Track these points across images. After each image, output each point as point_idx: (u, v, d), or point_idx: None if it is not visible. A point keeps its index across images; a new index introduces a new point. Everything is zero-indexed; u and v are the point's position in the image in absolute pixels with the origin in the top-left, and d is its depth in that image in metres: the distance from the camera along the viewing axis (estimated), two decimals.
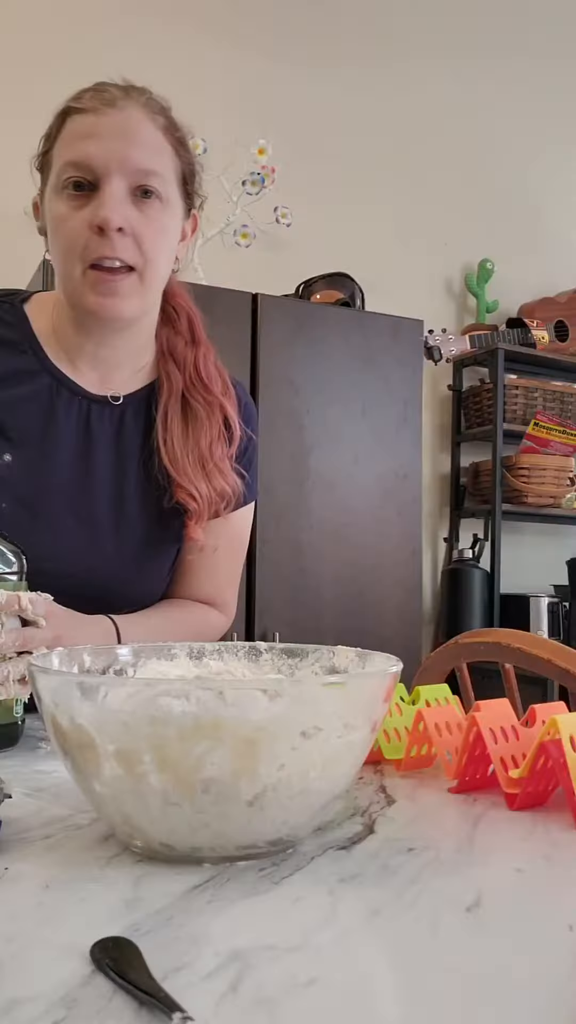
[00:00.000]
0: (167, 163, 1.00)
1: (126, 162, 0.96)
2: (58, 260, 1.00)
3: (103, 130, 0.96)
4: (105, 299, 0.98)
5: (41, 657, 0.63)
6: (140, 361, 1.11)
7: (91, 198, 0.96)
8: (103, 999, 0.38)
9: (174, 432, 1.08)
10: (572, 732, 0.64)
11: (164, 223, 1.00)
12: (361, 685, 0.55)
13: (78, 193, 0.97)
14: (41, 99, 3.07)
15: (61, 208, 0.98)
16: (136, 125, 0.98)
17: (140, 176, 0.97)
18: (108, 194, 0.95)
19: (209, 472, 1.08)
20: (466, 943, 0.44)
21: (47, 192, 1.01)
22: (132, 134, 0.97)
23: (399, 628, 2.65)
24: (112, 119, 0.97)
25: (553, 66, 3.74)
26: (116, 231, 0.95)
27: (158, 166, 0.99)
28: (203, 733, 0.50)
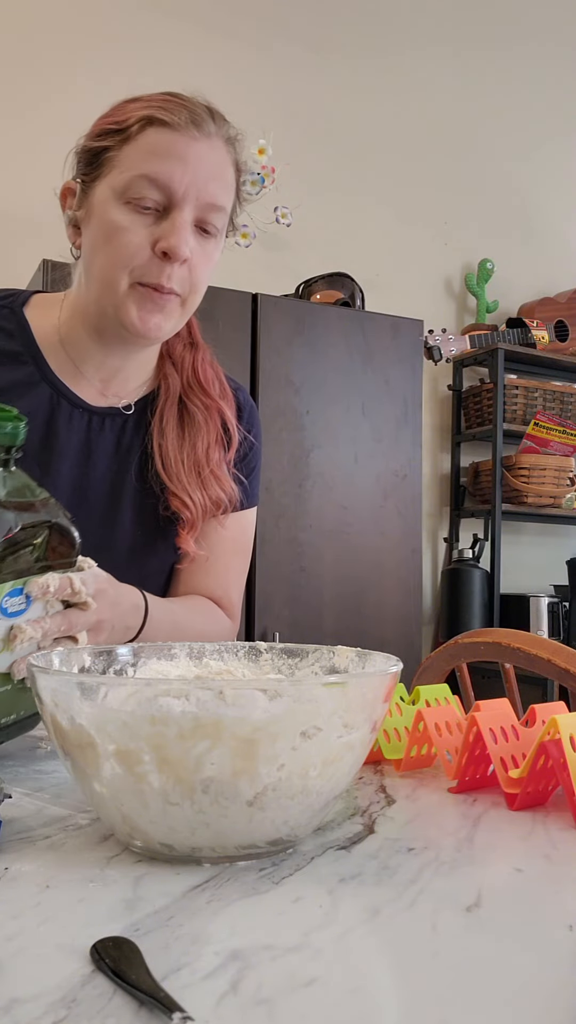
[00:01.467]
0: (231, 199, 1.00)
1: (203, 194, 0.94)
2: (101, 267, 0.97)
3: (190, 155, 0.93)
4: (149, 316, 0.97)
5: (40, 657, 0.63)
6: (145, 373, 1.11)
7: (155, 217, 0.94)
8: (103, 999, 0.38)
9: (169, 437, 1.07)
10: (572, 732, 0.64)
11: (213, 256, 1.01)
12: (361, 685, 0.55)
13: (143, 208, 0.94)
14: (39, 99, 3.08)
15: (122, 217, 0.94)
16: (219, 158, 0.96)
17: (209, 211, 0.96)
18: (182, 224, 0.93)
19: (204, 479, 1.07)
20: (466, 943, 0.44)
21: (101, 190, 0.96)
22: (215, 168, 0.95)
23: (399, 628, 2.65)
24: (200, 146, 0.94)
25: (553, 67, 3.74)
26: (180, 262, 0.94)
27: (226, 203, 0.98)
28: (203, 733, 0.50)
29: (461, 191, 3.53)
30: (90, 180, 0.98)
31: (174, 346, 1.12)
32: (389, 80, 3.41)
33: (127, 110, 0.96)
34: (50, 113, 2.77)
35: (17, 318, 1.06)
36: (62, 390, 1.05)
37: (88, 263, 0.99)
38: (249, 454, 1.16)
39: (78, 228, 1.01)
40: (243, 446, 1.15)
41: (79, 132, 1.05)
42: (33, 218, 2.72)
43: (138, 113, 0.94)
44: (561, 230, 3.74)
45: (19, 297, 1.09)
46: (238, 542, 1.15)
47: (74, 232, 1.01)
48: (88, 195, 0.98)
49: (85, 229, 0.99)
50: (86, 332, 1.04)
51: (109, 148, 0.96)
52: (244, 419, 1.15)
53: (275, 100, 3.14)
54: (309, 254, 3.04)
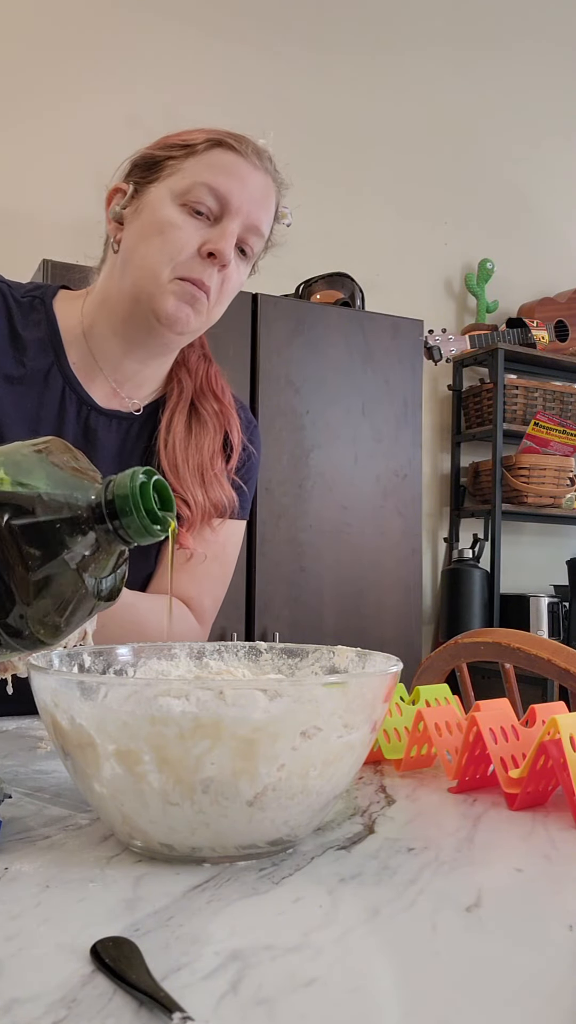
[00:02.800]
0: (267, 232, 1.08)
1: (252, 215, 1.02)
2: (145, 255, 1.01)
3: (247, 178, 1.02)
4: (185, 306, 1.01)
5: (40, 657, 0.63)
6: (158, 379, 1.13)
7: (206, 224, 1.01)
8: (103, 999, 0.38)
9: (177, 436, 1.08)
10: (572, 732, 0.64)
11: (243, 277, 1.07)
12: (361, 685, 0.55)
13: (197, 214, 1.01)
14: (40, 100, 3.08)
15: (176, 216, 1.00)
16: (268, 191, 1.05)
17: (252, 232, 1.04)
18: (231, 231, 1.00)
19: (207, 481, 1.08)
20: (466, 943, 0.44)
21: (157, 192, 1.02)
22: (264, 196, 1.04)
23: (399, 628, 2.65)
24: (257, 175, 1.03)
25: (553, 67, 3.74)
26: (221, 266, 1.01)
27: (266, 231, 1.07)
28: (203, 733, 0.50)
29: (461, 191, 3.53)
30: (145, 183, 1.03)
31: (189, 356, 1.15)
32: (389, 80, 3.41)
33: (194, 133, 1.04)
34: (51, 114, 2.77)
35: (46, 309, 1.09)
36: (75, 386, 1.07)
37: (130, 254, 1.02)
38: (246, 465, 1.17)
39: (121, 224, 1.05)
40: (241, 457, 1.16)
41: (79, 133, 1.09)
42: (33, 218, 2.72)
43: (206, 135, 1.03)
44: (561, 230, 3.74)
45: (48, 290, 1.11)
46: (221, 549, 1.14)
47: (116, 227, 1.05)
48: (140, 195, 1.03)
49: (131, 224, 1.03)
50: (110, 328, 1.06)
51: (172, 158, 1.03)
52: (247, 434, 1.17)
53: (275, 100, 3.14)
54: (309, 254, 3.04)
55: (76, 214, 2.65)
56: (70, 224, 2.68)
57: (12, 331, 1.06)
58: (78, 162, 2.66)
